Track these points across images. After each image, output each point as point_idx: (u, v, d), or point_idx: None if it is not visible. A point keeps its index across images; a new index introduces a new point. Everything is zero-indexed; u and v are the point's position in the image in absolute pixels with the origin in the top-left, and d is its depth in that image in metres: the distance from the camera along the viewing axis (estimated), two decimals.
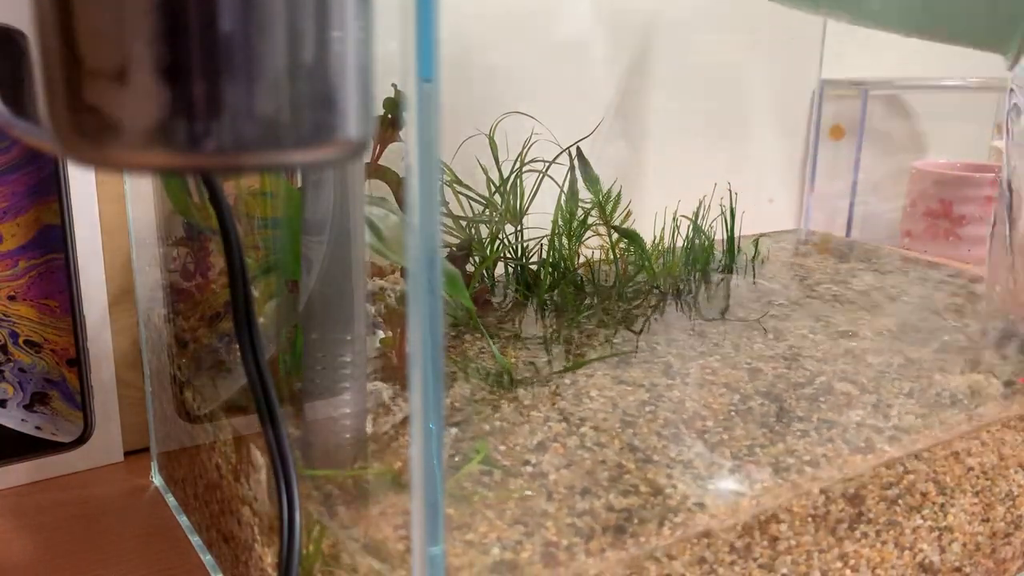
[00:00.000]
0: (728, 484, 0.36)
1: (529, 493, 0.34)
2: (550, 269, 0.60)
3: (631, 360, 0.48)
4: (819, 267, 0.71)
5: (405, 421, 0.37)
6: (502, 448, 0.38)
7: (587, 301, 0.59)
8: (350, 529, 0.32)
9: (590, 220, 0.61)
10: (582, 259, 0.62)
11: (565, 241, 0.61)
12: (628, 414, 0.41)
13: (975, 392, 0.46)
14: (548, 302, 0.58)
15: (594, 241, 0.64)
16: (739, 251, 0.70)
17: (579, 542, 0.32)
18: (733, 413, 0.42)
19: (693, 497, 0.35)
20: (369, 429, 0.36)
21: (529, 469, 0.36)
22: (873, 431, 0.41)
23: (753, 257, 0.71)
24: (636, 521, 0.33)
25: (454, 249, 0.54)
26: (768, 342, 0.52)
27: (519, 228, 0.60)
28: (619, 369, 0.47)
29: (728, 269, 0.69)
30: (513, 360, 0.48)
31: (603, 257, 0.63)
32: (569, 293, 0.59)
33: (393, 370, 0.39)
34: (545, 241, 0.61)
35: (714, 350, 0.50)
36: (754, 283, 0.65)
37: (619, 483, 0.36)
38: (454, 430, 0.39)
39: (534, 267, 0.61)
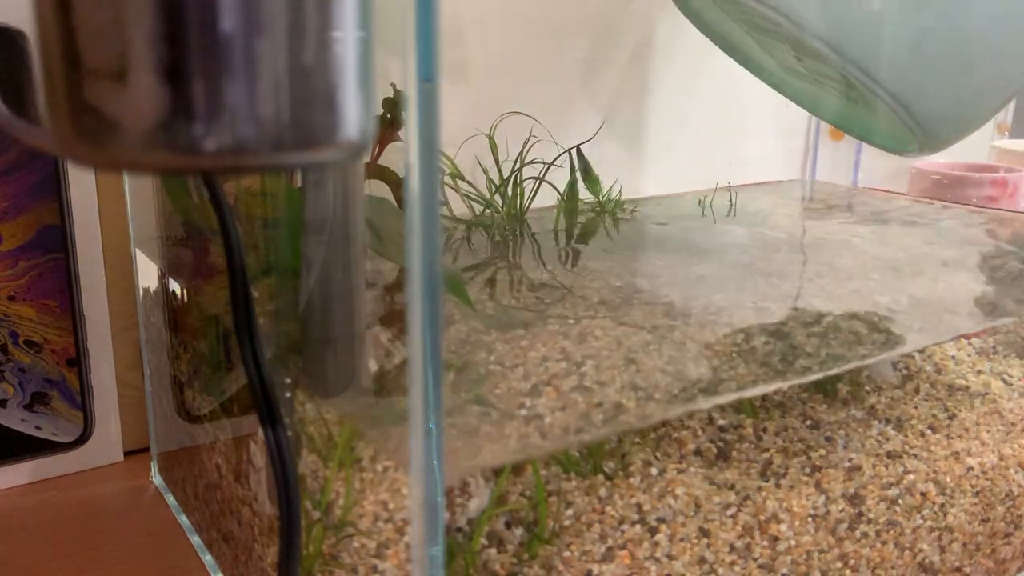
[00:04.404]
0: None
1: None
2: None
3: (633, 302, 0.47)
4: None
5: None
6: (497, 392, 0.37)
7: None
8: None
9: None
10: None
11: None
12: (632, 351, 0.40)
13: None
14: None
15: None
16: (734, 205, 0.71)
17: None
18: (735, 353, 0.41)
19: None
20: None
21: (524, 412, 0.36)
22: None
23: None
24: None
25: None
26: (772, 283, 0.51)
27: (519, 228, 0.60)
28: (620, 311, 0.46)
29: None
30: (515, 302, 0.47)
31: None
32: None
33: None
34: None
35: (716, 290, 0.50)
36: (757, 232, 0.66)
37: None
38: (451, 373, 0.38)
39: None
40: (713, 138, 0.78)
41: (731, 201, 0.71)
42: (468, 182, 0.57)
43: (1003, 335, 0.60)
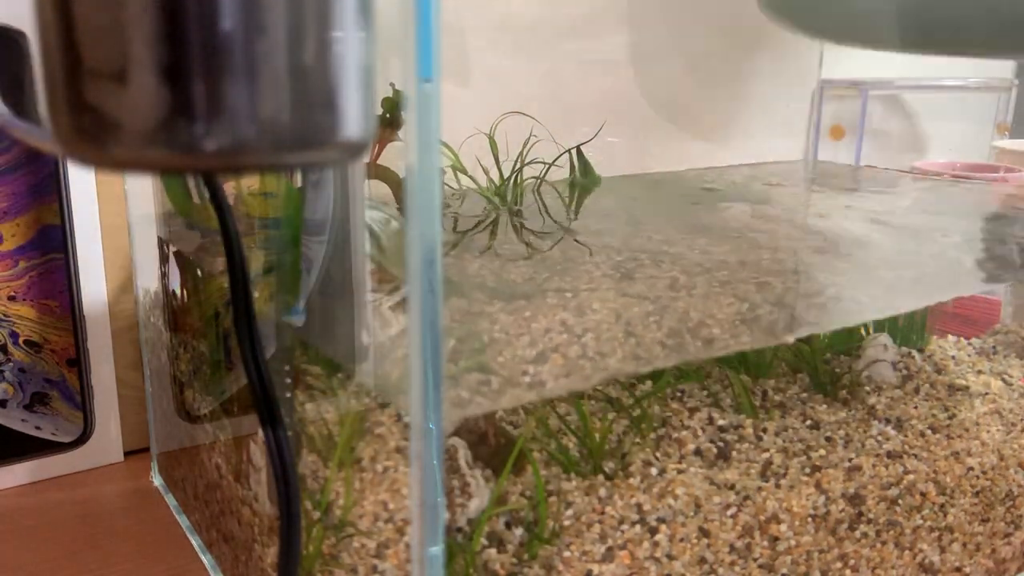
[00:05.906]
0: None
1: None
2: None
3: (635, 276, 0.47)
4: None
5: None
6: (500, 359, 0.37)
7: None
8: None
9: None
10: None
11: None
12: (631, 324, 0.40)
13: None
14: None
15: None
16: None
17: None
18: (739, 322, 0.41)
19: None
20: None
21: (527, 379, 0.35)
22: None
23: None
24: None
25: None
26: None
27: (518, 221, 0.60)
28: (623, 283, 0.46)
29: None
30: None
31: None
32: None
33: None
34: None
35: (720, 266, 0.50)
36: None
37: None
38: (452, 341, 0.38)
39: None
40: (713, 138, 0.78)
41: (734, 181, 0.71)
42: (470, 176, 0.57)
43: (1003, 335, 0.60)
